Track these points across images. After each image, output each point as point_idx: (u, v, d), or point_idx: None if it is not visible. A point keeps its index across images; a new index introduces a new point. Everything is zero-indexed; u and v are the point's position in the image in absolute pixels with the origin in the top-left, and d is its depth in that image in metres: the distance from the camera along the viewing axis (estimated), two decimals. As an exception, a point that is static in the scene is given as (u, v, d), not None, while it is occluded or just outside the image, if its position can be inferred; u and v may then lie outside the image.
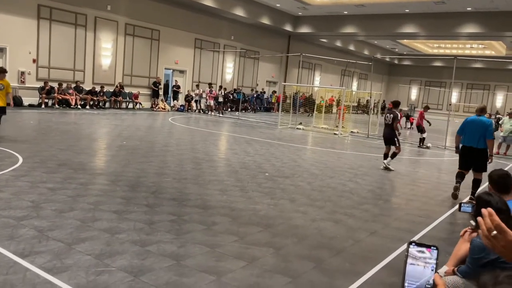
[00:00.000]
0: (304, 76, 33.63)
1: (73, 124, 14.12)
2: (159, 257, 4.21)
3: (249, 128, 18.17)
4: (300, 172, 9.29)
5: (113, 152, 9.81)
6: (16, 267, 3.71)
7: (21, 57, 17.98)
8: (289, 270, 4.22)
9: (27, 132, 11.67)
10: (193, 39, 25.37)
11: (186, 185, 7.19)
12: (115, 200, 5.97)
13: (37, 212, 5.16)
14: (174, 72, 25.28)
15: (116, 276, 3.72)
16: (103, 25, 20.71)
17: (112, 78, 21.57)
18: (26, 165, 7.49)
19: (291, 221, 5.80)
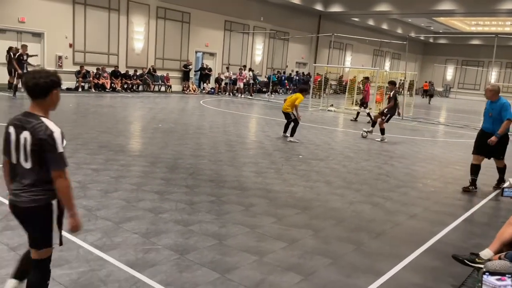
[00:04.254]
0: (335, 56, 33.06)
1: (109, 107, 14.48)
2: (202, 236, 4.34)
3: (279, 110, 18.10)
4: (334, 154, 9.25)
5: (149, 135, 10.03)
6: (69, 244, 3.91)
7: (58, 42, 18.47)
8: (329, 251, 4.26)
9: (67, 115, 12.06)
10: (223, 21, 25.30)
11: (222, 167, 7.30)
12: (155, 181, 6.15)
13: (84, 192, 5.38)
14: (204, 54, 25.37)
15: (163, 254, 3.87)
16: (135, 8, 20.93)
17: (145, 62, 21.88)
18: (69, 147, 7.77)
19: (328, 203, 5.82)
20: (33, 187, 2.53)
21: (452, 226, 5.28)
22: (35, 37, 17.97)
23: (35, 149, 2.48)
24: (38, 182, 2.53)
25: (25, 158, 2.52)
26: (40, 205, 2.55)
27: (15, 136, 2.54)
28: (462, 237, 5.03)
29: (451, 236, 4.98)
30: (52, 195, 2.58)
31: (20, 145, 2.51)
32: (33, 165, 2.51)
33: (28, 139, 2.49)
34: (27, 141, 2.49)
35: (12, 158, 2.57)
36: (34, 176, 2.52)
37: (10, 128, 2.56)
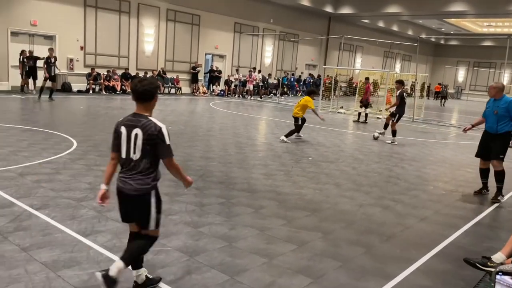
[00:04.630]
0: (345, 58, 32.95)
1: (119, 109, 14.58)
2: (211, 238, 4.34)
3: (289, 112, 18.07)
4: (344, 157, 9.20)
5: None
6: (80, 245, 3.94)
7: (69, 45, 18.68)
8: (339, 254, 4.23)
9: (78, 117, 12.19)
10: (232, 23, 25.37)
11: (232, 169, 7.31)
12: (165, 182, 6.15)
13: (94, 193, 5.42)
14: (214, 57, 25.46)
15: (173, 255, 3.88)
16: (145, 11, 21.09)
17: (155, 64, 22.02)
18: (80, 148, 7.85)
19: (338, 206, 5.79)
20: (139, 174, 3.04)
21: (463, 229, 5.22)
22: (47, 40, 18.19)
23: (146, 143, 2.98)
24: (143, 171, 3.03)
25: (134, 151, 3.01)
26: (144, 192, 3.07)
27: (126, 133, 3.03)
28: (473, 240, 4.96)
29: (462, 239, 4.92)
30: (153, 184, 3.11)
31: (131, 140, 3.00)
32: (140, 157, 3.01)
33: (140, 134, 2.98)
34: (138, 136, 2.98)
35: (123, 152, 3.06)
36: (140, 166, 3.03)
37: (121, 128, 3.06)
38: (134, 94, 3.06)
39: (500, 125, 6.36)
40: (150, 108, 3.11)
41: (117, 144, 3.08)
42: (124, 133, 3.04)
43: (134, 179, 3.04)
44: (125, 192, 3.08)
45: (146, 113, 3.07)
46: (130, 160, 3.04)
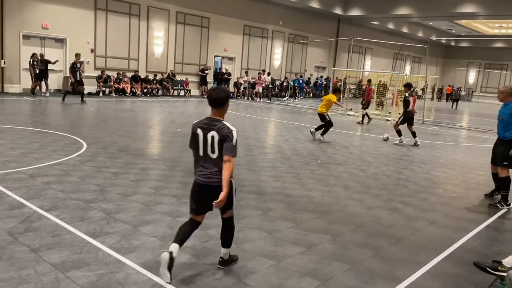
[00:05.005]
0: (354, 60, 32.83)
1: (129, 112, 14.69)
2: (219, 240, 4.31)
3: (298, 114, 18.10)
4: (353, 159, 9.16)
5: (168, 139, 10.12)
6: (88, 246, 3.97)
7: (80, 47, 18.84)
8: (347, 257, 4.21)
9: (88, 120, 12.29)
10: (242, 25, 25.43)
11: (241, 171, 7.31)
12: (173, 184, 6.19)
13: (103, 195, 5.46)
14: (223, 59, 25.53)
15: (181, 257, 3.88)
16: (155, 14, 21.23)
17: (164, 66, 22.15)
18: (90, 150, 7.91)
19: (347, 208, 5.76)
20: (220, 171, 3.44)
21: (473, 233, 5.15)
22: (58, 43, 18.41)
23: (220, 143, 3.43)
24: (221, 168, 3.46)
25: (212, 151, 3.48)
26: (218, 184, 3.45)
27: (202, 135, 3.49)
28: (484, 244, 4.90)
29: (472, 243, 4.86)
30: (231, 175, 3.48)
31: (208, 141, 3.48)
32: (218, 156, 3.46)
33: (216, 136, 3.44)
34: (214, 138, 3.45)
35: (200, 151, 3.53)
36: (219, 163, 3.47)
37: (198, 130, 3.52)
38: (209, 101, 3.53)
39: (507, 132, 6.22)
40: (223, 113, 3.57)
41: (195, 144, 3.57)
42: (200, 135, 3.51)
43: (219, 175, 3.46)
44: (212, 186, 3.49)
45: (220, 117, 3.54)
46: (209, 158, 3.52)
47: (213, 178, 3.51)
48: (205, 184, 3.54)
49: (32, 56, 16.44)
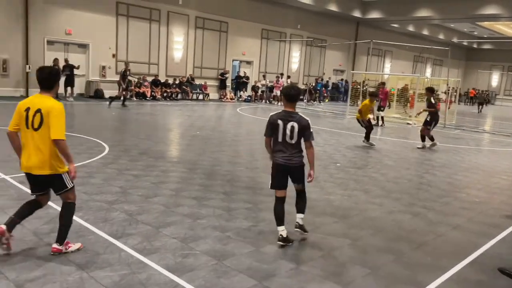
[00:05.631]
0: (374, 63, 32.53)
1: (149, 115, 14.89)
2: (239, 243, 4.36)
3: (316, 118, 18.03)
4: (373, 163, 9.08)
5: (188, 142, 10.22)
6: (111, 247, 4.04)
7: (102, 53, 19.24)
8: (367, 261, 4.17)
9: (110, 123, 12.51)
10: (260, 29, 25.52)
11: (259, 174, 7.33)
12: (193, 187, 6.25)
13: (125, 197, 5.55)
14: (241, 63, 25.66)
15: (201, 259, 3.92)
16: (175, 19, 21.50)
17: (184, 71, 22.38)
18: (112, 153, 8.06)
19: (367, 212, 5.71)
20: (298, 153, 4.38)
21: (498, 238, 5.05)
22: (80, 48, 18.81)
23: (300, 131, 4.28)
24: (299, 151, 4.39)
25: (291, 137, 4.30)
26: (302, 164, 4.42)
27: (283, 125, 4.31)
28: (508, 249, 4.79)
29: (497, 248, 4.76)
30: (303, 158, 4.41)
31: (287, 130, 4.29)
32: (296, 141, 4.33)
33: (296, 126, 4.28)
34: (294, 127, 4.28)
35: (279, 137, 4.34)
36: (297, 147, 4.36)
37: (278, 121, 4.34)
38: (288, 97, 4.38)
39: None
40: (295, 106, 4.41)
41: (272, 131, 4.38)
42: (281, 125, 4.32)
43: (296, 157, 4.37)
44: (292, 165, 4.38)
45: (294, 110, 4.38)
46: (288, 144, 4.32)
47: (293, 159, 4.36)
48: (285, 164, 4.37)
49: (54, 61, 16.76)
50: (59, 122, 3.59)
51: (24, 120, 3.63)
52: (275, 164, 4.47)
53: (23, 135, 3.68)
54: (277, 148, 4.40)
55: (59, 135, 3.58)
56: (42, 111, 3.58)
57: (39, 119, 3.58)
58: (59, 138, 3.58)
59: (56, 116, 3.58)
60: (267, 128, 4.42)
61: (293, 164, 4.37)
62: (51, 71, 3.81)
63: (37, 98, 3.70)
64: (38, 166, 3.65)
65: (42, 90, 3.74)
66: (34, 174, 3.70)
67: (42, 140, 3.61)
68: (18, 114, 3.68)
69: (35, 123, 3.59)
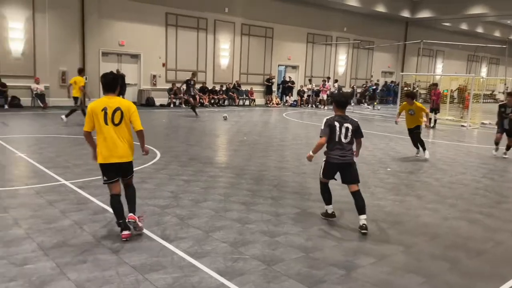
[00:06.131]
0: (424, 64, 31.45)
1: (197, 122, 15.23)
2: (288, 248, 4.36)
3: (364, 121, 17.67)
4: (425, 167, 8.76)
5: (235, 147, 10.36)
6: (164, 250, 4.17)
7: (152, 62, 19.97)
8: (422, 269, 4.03)
9: (160, 129, 12.94)
10: (305, 33, 25.45)
11: (306, 179, 7.29)
12: (242, 192, 6.33)
13: (176, 201, 5.72)
14: (287, 68, 25.69)
15: (251, 264, 3.96)
16: (221, 27, 21.93)
17: (230, 77, 22.74)
18: (163, 159, 8.33)
19: (420, 218, 5.52)
20: (350, 150, 5.00)
21: None
22: (133, 59, 19.62)
23: (353, 131, 4.98)
24: (351, 149, 5.02)
25: (345, 137, 4.94)
26: (353, 161, 5.08)
27: (339, 126, 4.93)
28: None
29: None
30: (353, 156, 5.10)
31: (343, 130, 4.93)
32: (350, 140, 4.97)
33: (350, 127, 4.96)
34: (348, 128, 4.95)
35: (336, 137, 4.93)
36: (350, 145, 4.98)
37: (335, 123, 4.93)
38: (339, 104, 5.07)
39: None
40: (345, 111, 5.08)
41: (330, 132, 4.93)
42: (337, 126, 4.93)
43: (349, 154, 4.99)
44: (346, 162, 4.98)
45: (345, 114, 5.05)
46: (342, 143, 4.94)
47: (347, 156, 4.97)
48: (342, 162, 4.97)
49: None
50: (138, 116, 4.44)
51: (103, 118, 4.24)
52: (328, 163, 5.08)
53: (103, 131, 4.27)
54: (333, 147, 4.97)
55: (141, 126, 4.46)
56: (122, 109, 4.29)
57: (120, 116, 4.28)
58: (142, 129, 4.46)
59: (135, 111, 4.41)
60: (325, 130, 4.94)
61: (346, 160, 4.97)
62: (113, 76, 4.52)
63: (110, 99, 4.33)
64: (123, 155, 4.36)
65: (107, 92, 4.39)
66: (119, 162, 4.35)
67: (123, 133, 4.32)
68: (92, 116, 4.28)
69: (115, 119, 4.27)
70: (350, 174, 5.02)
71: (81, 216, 5.01)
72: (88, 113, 4.31)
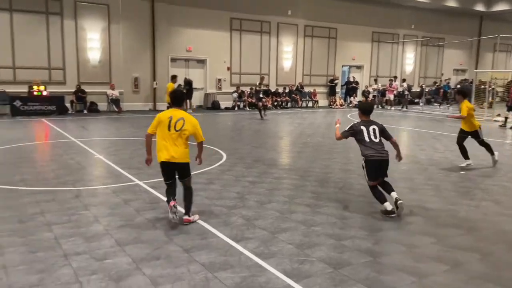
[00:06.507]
0: (501, 60, 29.32)
1: (261, 124, 15.41)
2: (355, 252, 4.29)
3: (434, 122, 16.86)
4: (504, 171, 8.18)
5: (298, 149, 10.34)
6: (232, 250, 4.28)
7: (218, 66, 20.54)
8: (503, 279, 3.78)
9: (226, 132, 13.27)
10: (370, 32, 24.82)
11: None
12: (306, 194, 6.31)
13: (242, 202, 5.84)
14: (351, 68, 25.19)
15: (317, 266, 3.94)
16: (285, 29, 22.04)
17: (293, 79, 22.75)
18: (229, 161, 8.53)
19: (498, 225, 5.17)
20: (384, 147, 5.49)
21: None
22: (199, 64, 20.31)
23: (380, 132, 5.54)
24: (384, 146, 5.50)
25: (375, 137, 5.48)
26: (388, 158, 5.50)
27: (366, 129, 5.52)
28: None
29: None
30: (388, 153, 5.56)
31: (370, 131, 5.50)
32: (379, 140, 5.50)
33: (376, 128, 5.55)
34: (375, 129, 5.53)
35: (366, 138, 5.47)
36: (381, 143, 5.50)
37: (361, 127, 5.55)
38: (365, 111, 5.74)
39: None
40: (370, 117, 5.70)
41: (360, 134, 5.52)
42: (364, 129, 5.51)
43: (383, 150, 5.45)
44: (383, 159, 5.43)
45: (370, 118, 5.69)
46: (374, 142, 5.45)
47: (383, 154, 5.42)
48: (380, 159, 5.40)
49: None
50: (200, 130, 5.08)
51: (167, 125, 4.88)
52: (368, 162, 5.44)
53: (164, 136, 4.89)
54: (367, 147, 5.44)
55: (203, 138, 5.15)
56: (185, 119, 4.94)
57: (182, 124, 4.90)
58: (203, 140, 5.17)
59: (197, 125, 5.05)
60: (346, 132, 5.63)
61: (383, 156, 5.40)
62: (181, 94, 5.40)
63: (176, 111, 5.01)
64: (181, 157, 4.93)
65: (175, 105, 5.12)
66: (176, 162, 4.91)
67: (181, 139, 4.92)
68: (159, 121, 4.92)
69: (178, 126, 4.89)
70: (385, 170, 5.47)
71: (154, 214, 5.29)
72: (156, 119, 4.97)
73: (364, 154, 5.44)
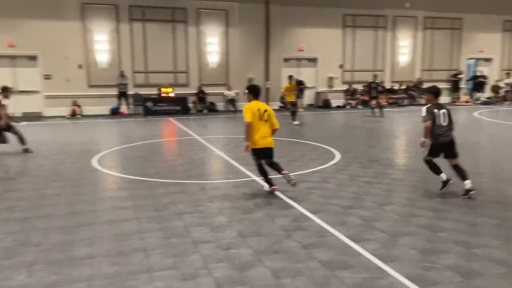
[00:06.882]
0: None
1: (375, 122, 14.87)
2: (487, 262, 3.93)
3: None
4: None
5: (417, 149, 9.66)
6: (350, 250, 4.23)
7: (329, 65, 20.35)
8: None
9: (338, 131, 13.11)
10: (501, 22, 22.34)
11: (508, 187, 6.44)
12: (429, 197, 5.95)
13: (359, 202, 5.72)
14: (478, 61, 22.92)
15: (444, 274, 3.70)
16: (402, 23, 20.97)
17: (410, 75, 21.51)
18: (343, 160, 8.42)
19: None
20: (451, 131, 5.99)
21: None
22: (310, 62, 20.35)
23: (449, 115, 5.99)
24: (451, 129, 6.01)
25: (444, 120, 5.93)
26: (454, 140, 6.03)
27: (438, 111, 5.92)
28: None
29: None
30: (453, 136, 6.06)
31: (441, 115, 5.92)
32: (448, 123, 5.96)
33: (445, 112, 5.99)
34: (445, 113, 5.97)
35: (438, 121, 5.89)
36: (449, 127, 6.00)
37: (435, 110, 5.93)
38: (435, 94, 6.13)
39: None
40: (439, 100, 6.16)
41: (433, 117, 5.89)
42: (436, 112, 5.92)
43: (450, 134, 5.98)
44: (450, 140, 5.97)
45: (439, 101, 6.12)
46: (442, 126, 5.92)
47: (448, 135, 5.96)
48: (443, 142, 5.94)
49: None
50: (275, 118, 6.15)
51: (258, 116, 5.95)
52: (435, 144, 5.94)
53: (258, 124, 5.95)
54: (437, 130, 5.90)
55: (278, 125, 6.21)
56: (268, 111, 6.07)
57: (267, 116, 6.03)
58: (278, 127, 6.20)
59: (273, 114, 6.15)
60: (428, 116, 5.91)
61: (448, 139, 5.92)
62: (259, 88, 6.44)
63: (260, 104, 6.14)
64: (271, 143, 6.09)
65: (256, 98, 6.18)
66: (269, 147, 6.05)
67: (268, 128, 6.06)
68: (253, 113, 5.93)
69: (264, 117, 6.00)
70: (453, 150, 5.95)
71: (271, 210, 5.47)
72: (249, 109, 5.95)
73: (433, 136, 5.91)
